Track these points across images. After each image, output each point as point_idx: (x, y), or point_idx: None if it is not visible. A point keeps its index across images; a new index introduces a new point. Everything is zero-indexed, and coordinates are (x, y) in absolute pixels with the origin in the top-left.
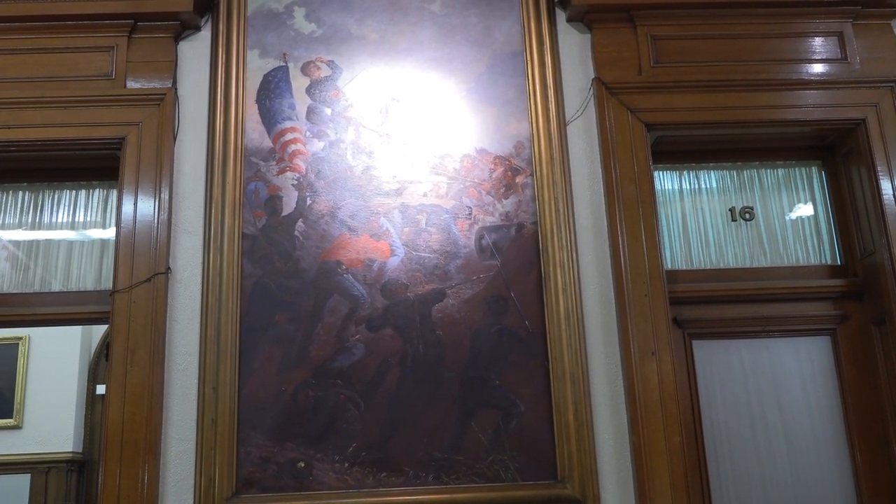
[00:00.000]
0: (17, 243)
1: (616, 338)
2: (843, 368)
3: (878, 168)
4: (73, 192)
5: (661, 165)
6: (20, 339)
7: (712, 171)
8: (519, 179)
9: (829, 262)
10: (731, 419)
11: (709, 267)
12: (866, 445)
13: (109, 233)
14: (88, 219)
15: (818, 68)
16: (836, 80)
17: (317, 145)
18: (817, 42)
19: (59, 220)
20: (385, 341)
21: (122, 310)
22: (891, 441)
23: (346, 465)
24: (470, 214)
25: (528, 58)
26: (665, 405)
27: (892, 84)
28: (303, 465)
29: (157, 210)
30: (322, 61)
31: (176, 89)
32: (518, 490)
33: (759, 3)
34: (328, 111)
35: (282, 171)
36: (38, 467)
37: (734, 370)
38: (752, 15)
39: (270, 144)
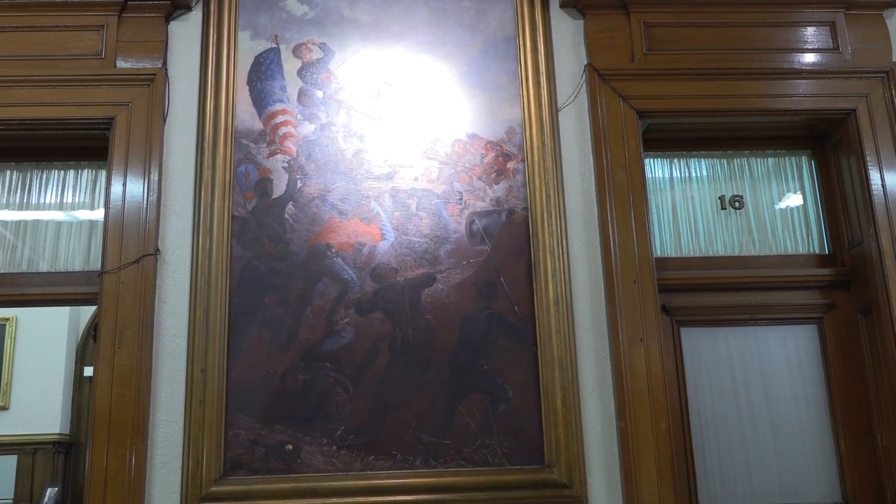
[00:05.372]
0: (4, 223)
1: (605, 324)
2: (830, 357)
3: (868, 158)
4: (62, 172)
5: (651, 153)
6: (7, 319)
7: (703, 160)
8: (510, 165)
9: (817, 251)
10: (718, 406)
11: (698, 255)
12: (851, 433)
13: (98, 213)
14: (77, 199)
15: (810, 58)
16: (827, 70)
17: (308, 128)
18: (809, 32)
19: (48, 200)
20: (374, 325)
21: (110, 291)
22: (875, 429)
23: (335, 448)
24: (461, 199)
25: (521, 43)
26: (652, 392)
27: (882, 75)
28: (291, 447)
29: (146, 191)
30: (314, 44)
31: (166, 70)
32: (505, 475)
33: None
34: (319, 94)
35: (272, 154)
36: (24, 448)
37: (721, 358)
38: (744, 3)
39: (261, 126)
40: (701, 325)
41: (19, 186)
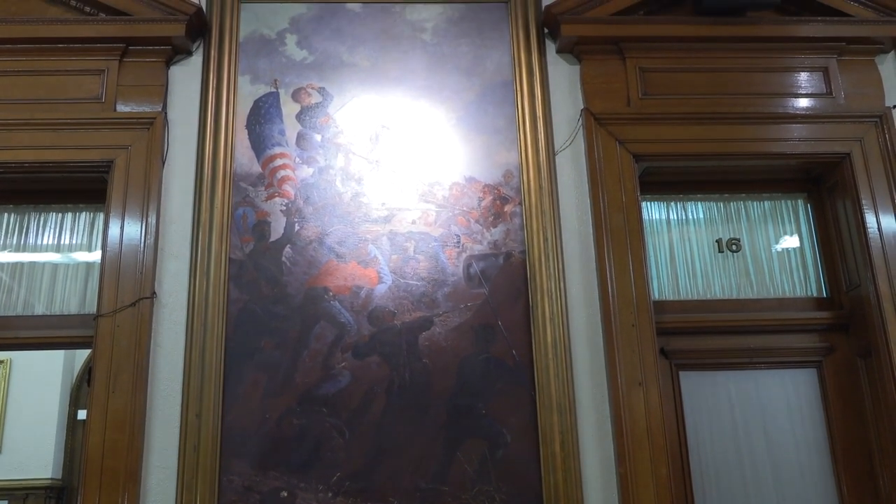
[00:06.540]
0: (1, 265)
1: (603, 368)
2: (830, 400)
3: (863, 201)
4: (60, 214)
5: (648, 196)
6: (1, 362)
7: (699, 203)
8: (508, 208)
9: (815, 294)
10: (718, 451)
11: (696, 298)
12: (852, 477)
13: (95, 256)
14: (74, 241)
15: (804, 103)
16: (821, 115)
17: (306, 171)
18: (803, 77)
19: (45, 242)
20: (371, 369)
21: (105, 334)
22: (876, 473)
23: (330, 494)
24: (458, 242)
25: (518, 87)
26: (652, 436)
27: (876, 119)
28: (286, 494)
29: (143, 234)
30: (313, 88)
31: (166, 113)
32: None
33: (746, 37)
34: (318, 137)
35: (270, 197)
36: (15, 493)
37: (721, 401)
38: (739, 49)
39: (259, 170)
40: (700, 368)
41: (17, 229)
